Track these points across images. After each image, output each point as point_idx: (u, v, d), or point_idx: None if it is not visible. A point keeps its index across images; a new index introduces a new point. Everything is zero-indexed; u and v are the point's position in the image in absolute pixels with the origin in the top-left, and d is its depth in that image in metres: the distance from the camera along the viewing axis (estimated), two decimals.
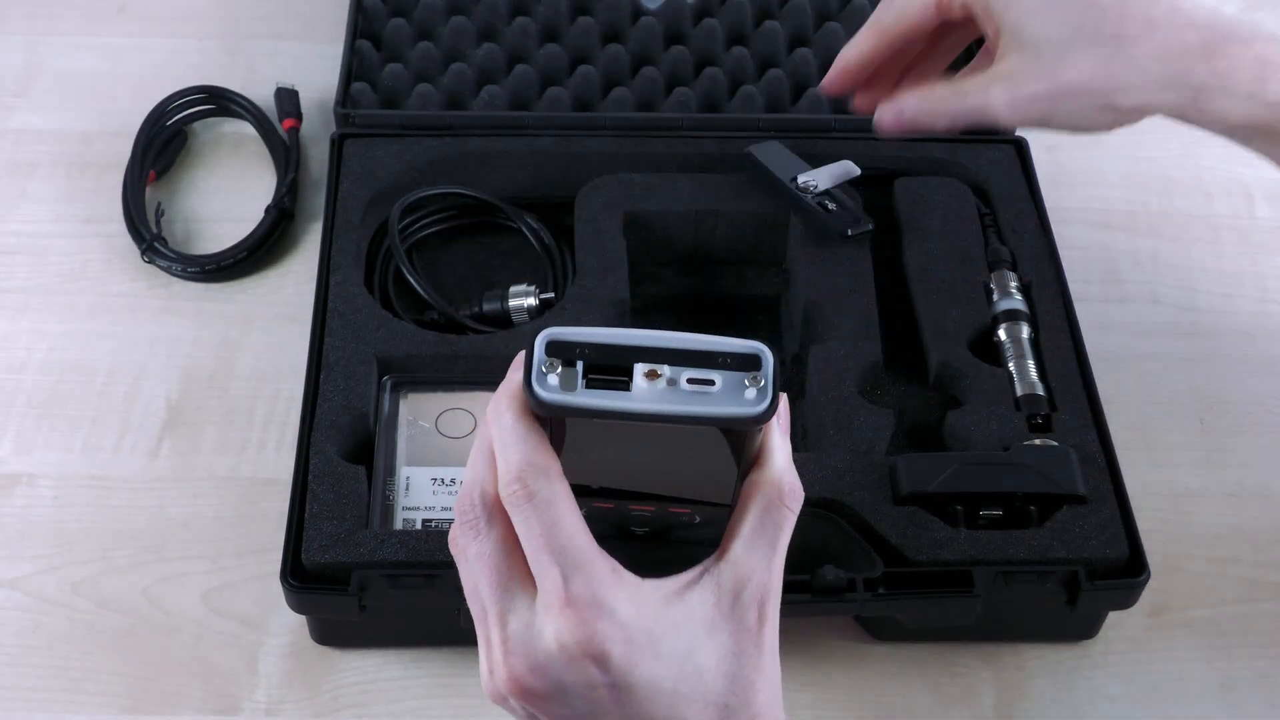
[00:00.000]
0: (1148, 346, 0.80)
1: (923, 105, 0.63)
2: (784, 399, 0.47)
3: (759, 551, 0.46)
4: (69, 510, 0.70)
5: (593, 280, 0.74)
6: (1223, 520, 0.73)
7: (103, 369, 0.76)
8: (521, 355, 0.43)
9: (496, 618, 0.45)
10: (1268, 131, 0.59)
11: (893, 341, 0.73)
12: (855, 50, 0.65)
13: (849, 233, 0.74)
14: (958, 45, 0.67)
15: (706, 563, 0.46)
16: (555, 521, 0.43)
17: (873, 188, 0.78)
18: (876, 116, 0.65)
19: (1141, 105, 0.58)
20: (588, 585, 0.44)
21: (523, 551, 0.45)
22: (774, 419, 0.44)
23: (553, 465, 0.44)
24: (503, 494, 0.44)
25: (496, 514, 0.45)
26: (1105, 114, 0.59)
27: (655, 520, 0.47)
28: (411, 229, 0.79)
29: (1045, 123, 0.61)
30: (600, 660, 0.44)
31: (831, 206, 0.76)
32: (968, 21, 0.62)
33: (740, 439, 0.44)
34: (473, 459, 0.46)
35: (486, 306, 0.76)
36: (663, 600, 0.45)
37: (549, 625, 0.44)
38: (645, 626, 0.44)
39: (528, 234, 0.79)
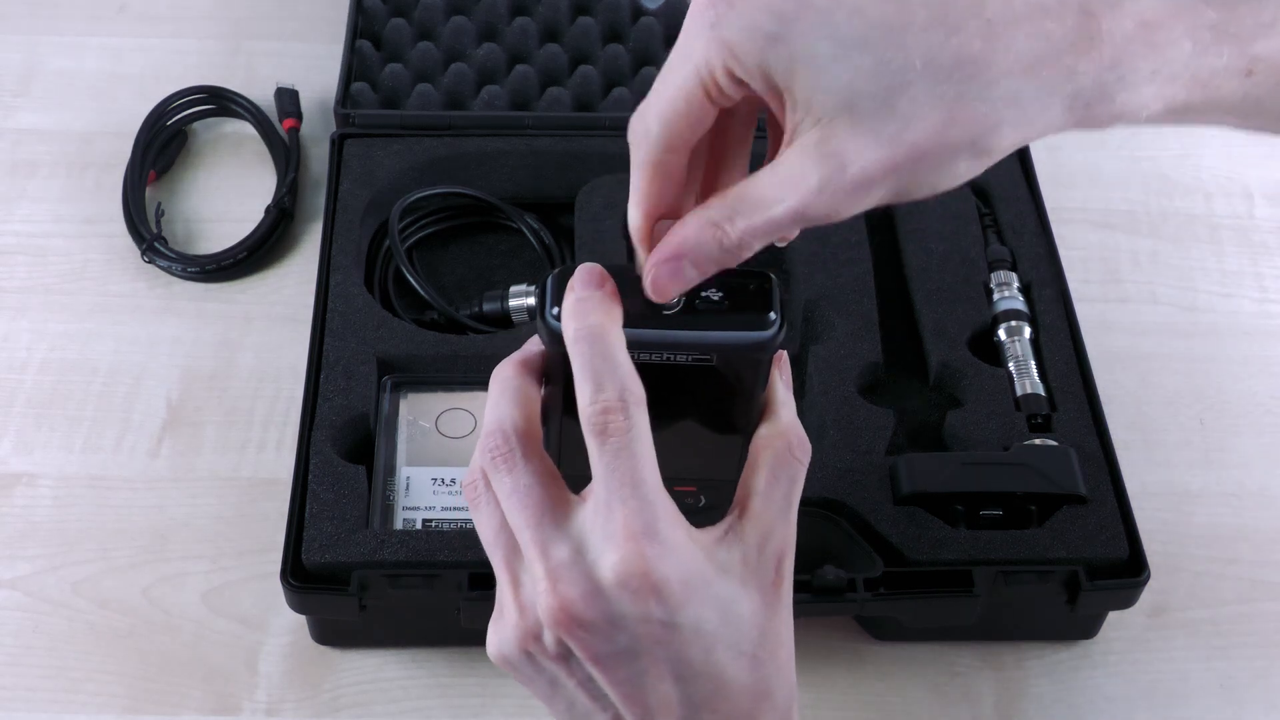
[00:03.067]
0: (1148, 346, 0.80)
1: (704, 245, 0.43)
2: (785, 355, 0.48)
3: (774, 506, 0.46)
4: (69, 510, 0.70)
5: None
6: (1223, 520, 0.73)
7: (103, 369, 0.76)
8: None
9: (538, 548, 0.44)
10: (1193, 110, 0.44)
11: (893, 341, 0.73)
12: (639, 208, 0.46)
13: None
14: (745, 138, 0.49)
15: (729, 519, 0.46)
16: (643, 455, 0.43)
17: None
18: (648, 281, 0.44)
19: (1021, 139, 0.43)
20: (656, 521, 0.43)
21: (555, 483, 0.45)
22: (778, 368, 0.45)
23: (644, 396, 0.43)
24: (599, 421, 0.43)
25: (532, 446, 0.45)
26: (974, 163, 0.43)
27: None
28: (411, 229, 0.79)
29: (897, 199, 0.43)
30: (659, 592, 0.43)
31: None
32: (750, 104, 0.45)
33: (748, 393, 0.45)
34: (495, 402, 0.46)
35: (486, 306, 0.76)
36: (708, 547, 0.45)
37: (609, 555, 0.43)
38: (699, 568, 0.44)
39: (528, 234, 0.79)
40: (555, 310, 0.44)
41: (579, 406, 0.43)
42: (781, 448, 0.46)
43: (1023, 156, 0.81)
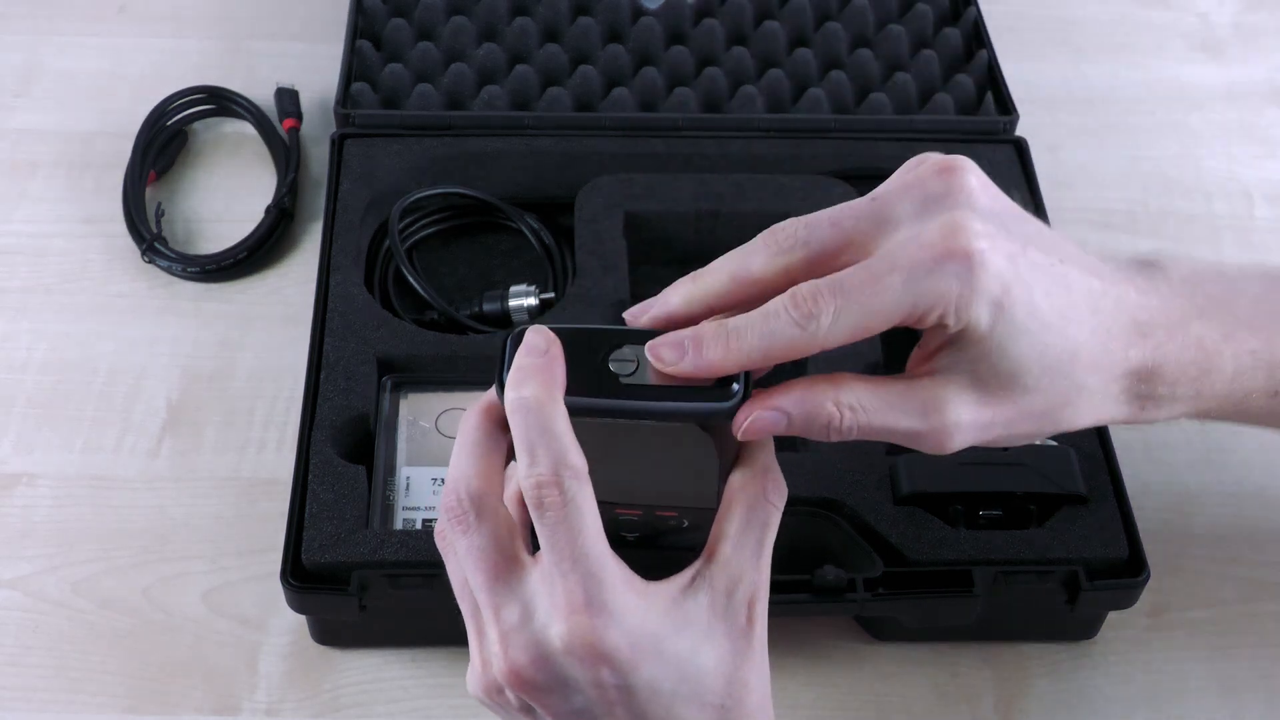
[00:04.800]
0: None
1: (812, 416, 0.45)
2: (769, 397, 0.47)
3: (746, 551, 0.46)
4: (69, 510, 0.70)
5: (593, 280, 0.74)
6: (1223, 520, 0.73)
7: (103, 369, 0.76)
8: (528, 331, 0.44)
9: (491, 610, 0.46)
10: (1220, 417, 0.53)
11: (893, 341, 0.72)
12: (705, 293, 0.46)
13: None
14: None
15: (697, 565, 0.46)
16: (583, 528, 0.44)
17: (873, 188, 0.78)
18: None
19: (1090, 423, 0.48)
20: (600, 592, 0.44)
21: (510, 543, 0.45)
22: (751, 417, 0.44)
23: (583, 467, 0.44)
24: (534, 495, 0.43)
25: (486, 509, 0.45)
26: (1051, 429, 0.48)
27: (643, 524, 0.47)
28: (411, 229, 0.79)
29: (989, 444, 0.48)
30: (606, 662, 0.44)
31: None
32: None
33: (722, 436, 0.45)
34: (456, 456, 0.47)
35: (486, 306, 0.76)
36: (665, 603, 0.45)
37: (556, 625, 0.44)
38: (650, 630, 0.45)
39: (528, 234, 0.79)
40: (506, 375, 0.44)
41: (519, 476, 0.44)
42: (755, 493, 0.46)
43: (1023, 156, 0.81)
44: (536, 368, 0.44)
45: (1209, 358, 0.49)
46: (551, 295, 0.76)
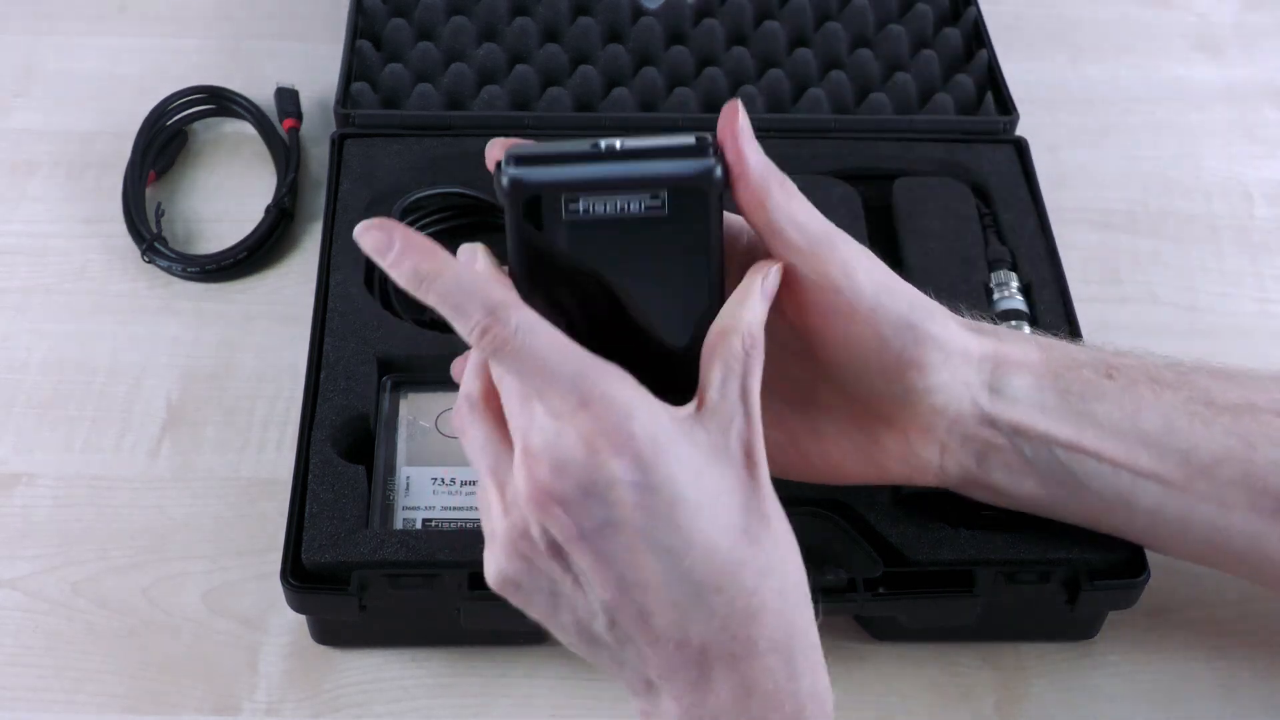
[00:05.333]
0: (1148, 346, 0.80)
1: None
2: (777, 266, 0.49)
3: (731, 397, 0.46)
4: (69, 510, 0.70)
5: None
6: None
7: (103, 369, 0.76)
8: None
9: (519, 435, 0.45)
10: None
11: None
12: None
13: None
14: None
15: (689, 407, 0.46)
16: (538, 344, 0.44)
17: (873, 188, 0.78)
18: None
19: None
20: (598, 384, 0.44)
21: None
22: (760, 273, 0.47)
23: (509, 295, 0.45)
24: (482, 345, 0.44)
25: (479, 405, 0.48)
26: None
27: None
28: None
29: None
30: (626, 452, 0.43)
31: None
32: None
33: (703, 259, 0.47)
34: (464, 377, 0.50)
35: None
36: (672, 415, 0.45)
37: (570, 429, 0.44)
38: (664, 426, 0.44)
39: None
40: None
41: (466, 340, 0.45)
42: (733, 344, 0.46)
43: (1023, 156, 0.81)
44: (399, 251, 0.46)
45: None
46: None
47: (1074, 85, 0.96)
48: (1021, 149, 0.82)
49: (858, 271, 0.51)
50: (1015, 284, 0.74)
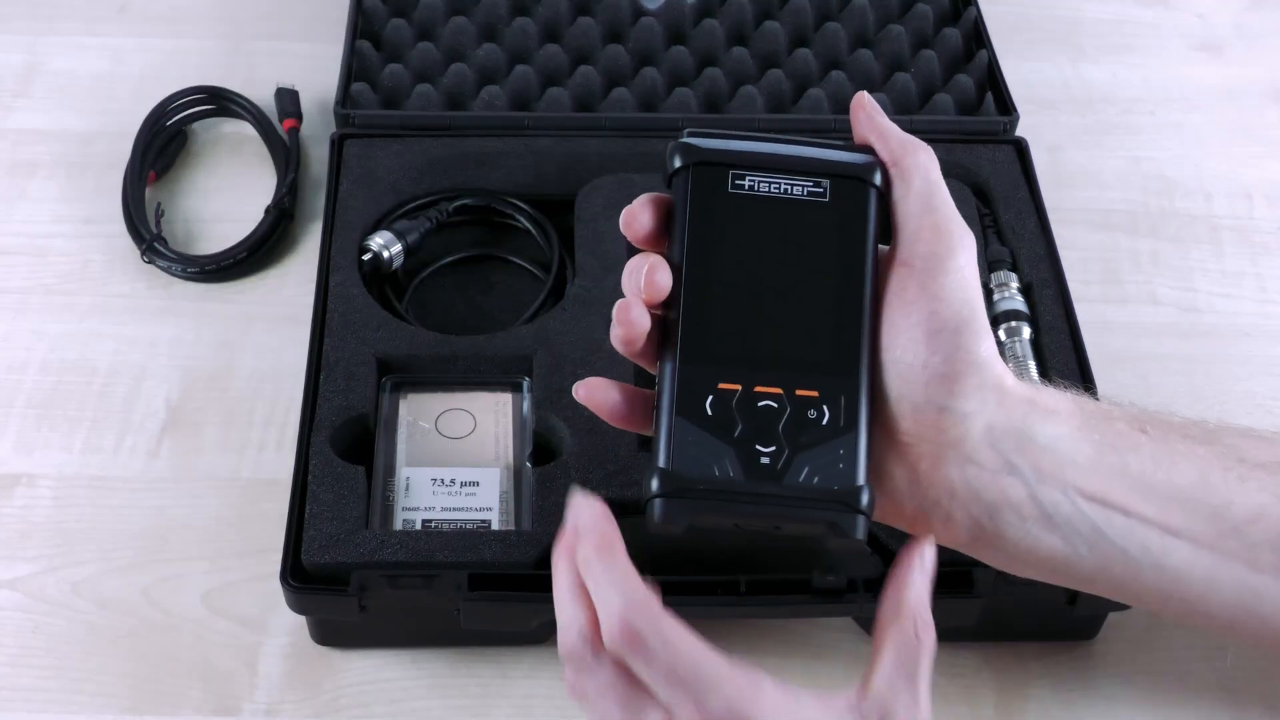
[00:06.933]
0: (1148, 346, 0.80)
1: None
2: (930, 539, 0.50)
3: (899, 685, 0.47)
4: (69, 510, 0.70)
5: (593, 280, 0.74)
6: None
7: (103, 369, 0.76)
8: (576, 496, 0.48)
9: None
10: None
11: None
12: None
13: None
14: None
15: (854, 693, 0.47)
16: (674, 654, 0.44)
17: None
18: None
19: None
20: (725, 700, 0.44)
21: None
22: (917, 553, 0.49)
23: (653, 603, 0.45)
24: (612, 648, 0.45)
25: (602, 647, 0.46)
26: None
27: (781, 406, 0.48)
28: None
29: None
30: None
31: None
32: None
33: (860, 255, 0.50)
34: (559, 601, 0.48)
35: None
36: (802, 708, 0.46)
37: None
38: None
39: (533, 231, 0.79)
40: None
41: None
42: (906, 630, 0.48)
43: (1023, 156, 0.81)
44: (587, 533, 0.47)
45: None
46: None
47: (1074, 85, 0.96)
48: (1021, 149, 0.82)
49: (961, 254, 0.51)
50: (1015, 284, 0.74)
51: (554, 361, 0.70)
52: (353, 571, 0.61)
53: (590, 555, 0.47)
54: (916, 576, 0.49)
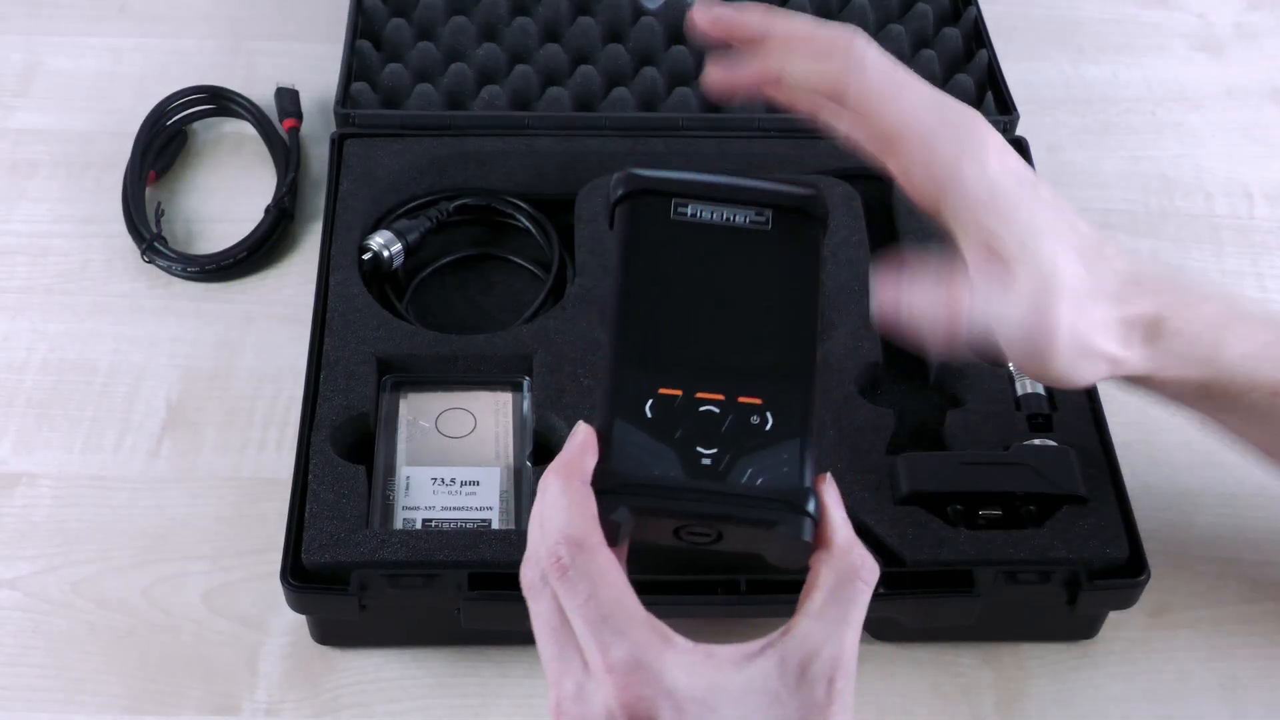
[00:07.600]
0: None
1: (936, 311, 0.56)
2: (831, 484, 0.48)
3: (825, 624, 0.45)
4: (69, 510, 0.70)
5: (593, 280, 0.74)
6: (1223, 520, 0.73)
7: (103, 369, 0.76)
8: (580, 427, 0.47)
9: (553, 678, 0.46)
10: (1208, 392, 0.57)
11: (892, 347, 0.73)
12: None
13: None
14: None
15: (771, 636, 0.45)
16: (593, 592, 0.44)
17: (873, 187, 0.78)
18: (877, 306, 0.57)
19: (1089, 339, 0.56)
20: (631, 651, 0.44)
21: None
22: (825, 487, 0.47)
23: (591, 534, 0.44)
24: (543, 569, 0.45)
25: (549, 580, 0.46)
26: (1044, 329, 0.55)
27: (724, 411, 0.48)
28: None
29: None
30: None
31: None
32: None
33: (806, 277, 0.51)
34: (530, 525, 0.48)
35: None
36: (718, 668, 0.44)
37: (598, 692, 0.44)
38: (697, 694, 0.44)
39: (533, 231, 0.79)
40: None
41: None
42: (843, 569, 0.46)
43: (1023, 156, 0.81)
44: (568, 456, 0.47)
45: (1216, 329, 0.54)
46: None
47: (1074, 85, 0.96)
48: (1021, 149, 0.82)
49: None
50: None
51: (554, 361, 0.70)
52: (353, 571, 0.61)
53: (549, 475, 0.46)
54: (839, 515, 0.48)
